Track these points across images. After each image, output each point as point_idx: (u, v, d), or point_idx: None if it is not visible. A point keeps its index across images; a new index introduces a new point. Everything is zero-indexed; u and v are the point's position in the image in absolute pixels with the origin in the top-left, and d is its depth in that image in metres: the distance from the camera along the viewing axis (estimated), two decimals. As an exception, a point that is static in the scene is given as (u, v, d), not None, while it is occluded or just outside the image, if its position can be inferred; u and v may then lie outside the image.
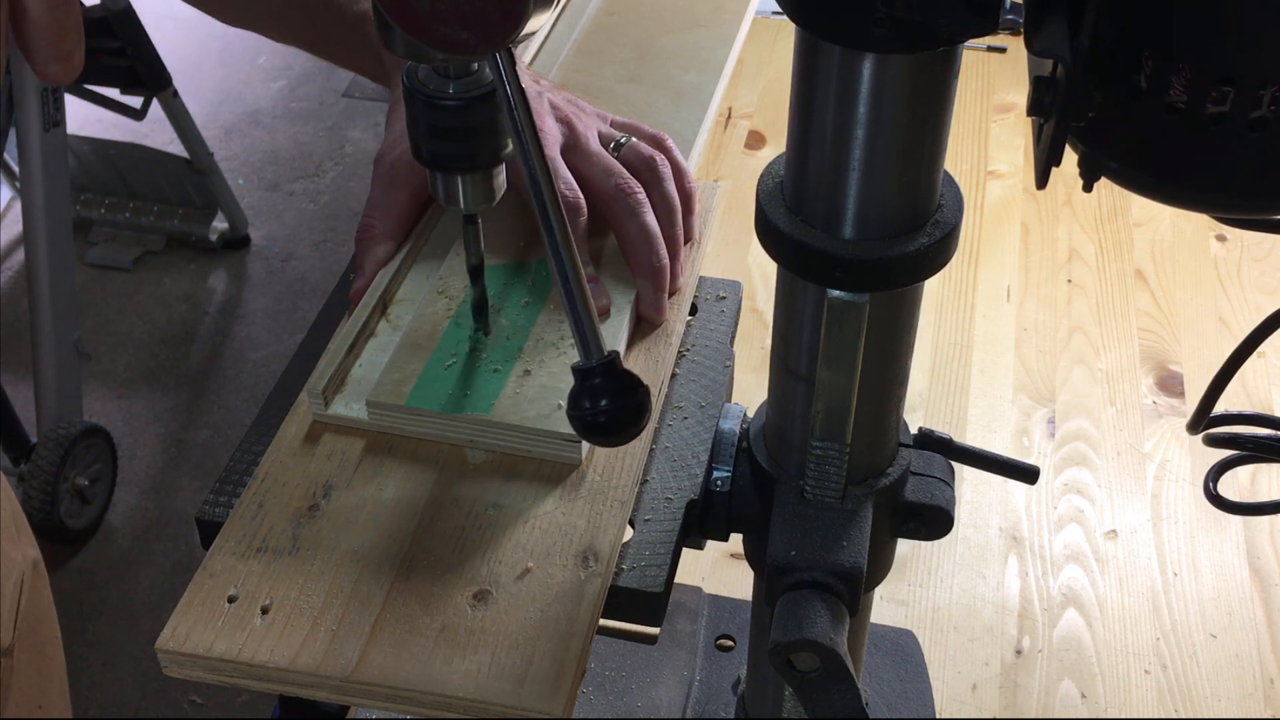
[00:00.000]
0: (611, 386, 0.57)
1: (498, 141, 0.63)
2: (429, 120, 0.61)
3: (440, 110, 0.61)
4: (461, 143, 0.62)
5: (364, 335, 0.72)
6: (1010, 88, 1.54)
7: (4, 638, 0.91)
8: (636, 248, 0.74)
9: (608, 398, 0.57)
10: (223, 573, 0.61)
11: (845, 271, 0.55)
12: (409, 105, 0.62)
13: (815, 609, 0.58)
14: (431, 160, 0.63)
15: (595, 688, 0.86)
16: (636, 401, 0.58)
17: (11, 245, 2.71)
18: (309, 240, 2.77)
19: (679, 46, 0.96)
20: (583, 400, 0.57)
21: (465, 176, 0.64)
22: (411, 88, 0.61)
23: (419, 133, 0.62)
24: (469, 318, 0.72)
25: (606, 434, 0.58)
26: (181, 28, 3.11)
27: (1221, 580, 1.01)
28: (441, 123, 0.61)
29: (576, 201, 0.73)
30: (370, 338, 0.72)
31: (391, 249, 0.76)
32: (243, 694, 1.93)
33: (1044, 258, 1.32)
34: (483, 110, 0.61)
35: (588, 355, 0.57)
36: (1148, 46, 0.46)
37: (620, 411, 0.57)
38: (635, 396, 0.58)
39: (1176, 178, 0.48)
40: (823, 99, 0.53)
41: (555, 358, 0.70)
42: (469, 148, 0.63)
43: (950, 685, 0.93)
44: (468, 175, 0.64)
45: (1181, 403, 1.15)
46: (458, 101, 0.61)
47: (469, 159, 0.63)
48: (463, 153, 0.63)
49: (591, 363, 0.57)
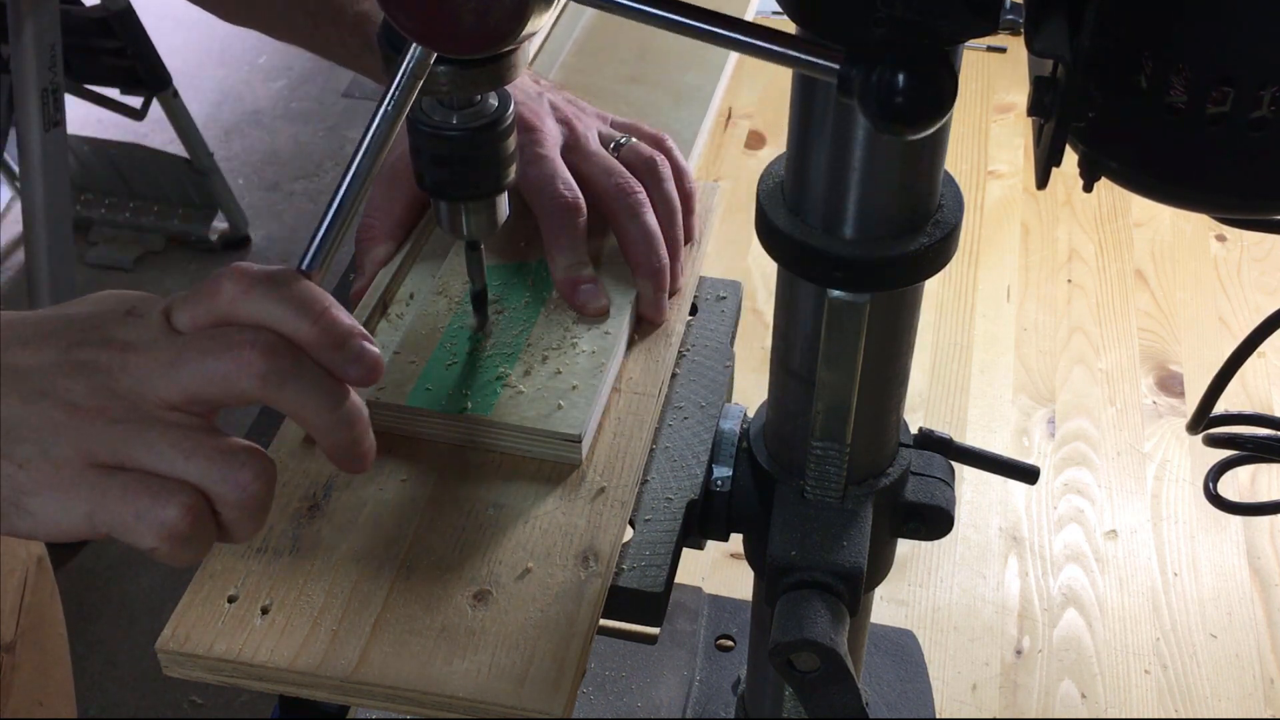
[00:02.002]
0: None
1: (500, 171, 0.64)
2: (431, 150, 0.62)
3: (442, 140, 0.62)
4: (464, 172, 0.63)
5: None
6: (1010, 88, 1.54)
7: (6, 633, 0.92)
8: (637, 248, 0.74)
9: None
10: (223, 573, 0.61)
11: (845, 271, 0.55)
12: (411, 135, 0.62)
13: (815, 609, 0.58)
14: (434, 189, 0.64)
15: (595, 688, 0.86)
16: None
17: (11, 245, 2.71)
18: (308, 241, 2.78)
19: (679, 46, 0.96)
20: None
21: (468, 205, 0.64)
22: (414, 118, 0.61)
23: (421, 161, 0.63)
24: (469, 317, 0.72)
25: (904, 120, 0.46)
26: (181, 28, 3.11)
27: (1221, 580, 1.01)
28: (445, 152, 0.62)
29: (575, 202, 0.73)
30: None
31: (391, 249, 0.76)
32: (243, 694, 1.92)
33: (1044, 258, 1.32)
34: (485, 140, 0.62)
35: None
36: (1148, 46, 0.45)
37: None
38: None
39: (1176, 178, 0.48)
40: (823, 99, 0.53)
41: (556, 357, 0.70)
42: (471, 176, 0.63)
43: (950, 685, 0.93)
44: (470, 203, 0.65)
45: (1181, 403, 1.15)
46: (460, 132, 0.61)
47: (471, 187, 0.64)
48: (465, 181, 0.64)
49: None
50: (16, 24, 1.95)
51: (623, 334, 0.72)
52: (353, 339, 0.50)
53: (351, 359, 0.50)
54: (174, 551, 0.48)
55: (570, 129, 0.76)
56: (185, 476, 0.48)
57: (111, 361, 0.49)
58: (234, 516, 0.49)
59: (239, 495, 0.48)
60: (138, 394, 0.49)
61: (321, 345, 0.50)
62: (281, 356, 0.49)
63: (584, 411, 0.67)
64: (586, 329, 0.72)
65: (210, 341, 0.49)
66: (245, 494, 0.48)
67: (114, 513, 0.48)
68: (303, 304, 0.49)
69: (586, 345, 0.71)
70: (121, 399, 0.49)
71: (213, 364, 0.48)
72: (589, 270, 0.73)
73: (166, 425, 0.49)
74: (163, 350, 0.49)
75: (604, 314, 0.73)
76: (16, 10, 1.93)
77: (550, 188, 0.73)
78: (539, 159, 0.73)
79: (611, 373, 0.71)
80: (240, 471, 0.48)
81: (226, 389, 0.49)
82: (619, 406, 0.70)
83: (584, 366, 0.70)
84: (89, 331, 0.50)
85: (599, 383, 0.69)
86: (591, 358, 0.70)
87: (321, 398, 0.50)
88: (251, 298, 0.49)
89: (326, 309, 0.50)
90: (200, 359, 0.49)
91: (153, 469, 0.48)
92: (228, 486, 0.48)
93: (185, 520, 0.47)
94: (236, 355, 0.48)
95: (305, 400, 0.49)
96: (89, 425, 0.48)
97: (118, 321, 0.51)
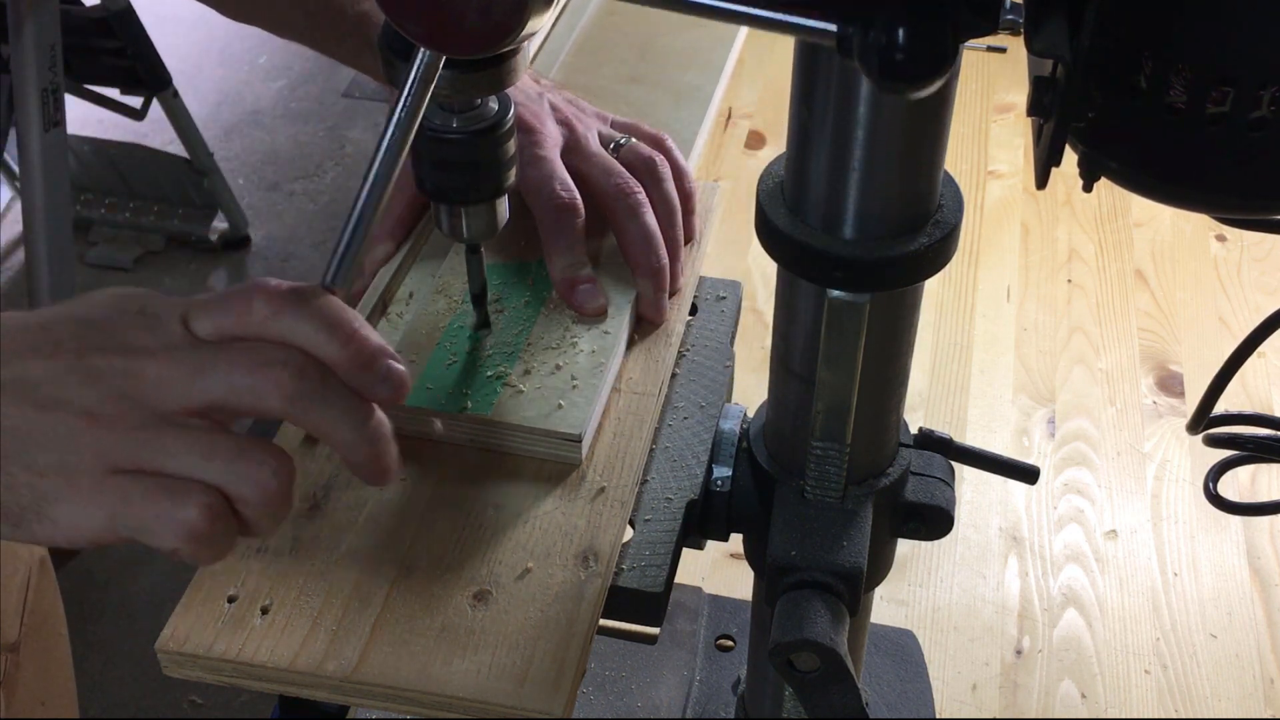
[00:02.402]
0: None
1: (500, 174, 0.64)
2: (431, 153, 0.62)
3: (443, 144, 0.62)
4: (464, 175, 0.63)
5: None
6: (1010, 88, 1.54)
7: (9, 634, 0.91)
8: (636, 248, 0.74)
9: None
10: (222, 573, 0.61)
11: (845, 271, 0.55)
12: None
13: (815, 609, 0.58)
14: (434, 192, 0.64)
15: (595, 688, 0.86)
16: None
17: (11, 245, 2.71)
18: (309, 240, 2.77)
19: (679, 46, 0.96)
20: None
21: (468, 208, 0.65)
22: None
23: (421, 165, 0.63)
24: (469, 317, 0.72)
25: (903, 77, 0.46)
26: (181, 28, 3.11)
27: (1221, 580, 1.01)
28: (445, 156, 0.62)
29: (573, 203, 0.73)
30: None
31: (391, 249, 0.77)
32: (243, 694, 1.92)
33: (1044, 258, 1.32)
34: (485, 144, 0.62)
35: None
36: (1148, 46, 0.45)
37: None
38: None
39: (1176, 178, 0.48)
40: (823, 99, 0.53)
41: (556, 357, 0.70)
42: (471, 180, 0.64)
43: (950, 685, 0.93)
44: (470, 207, 0.65)
45: (1181, 403, 1.15)
46: (461, 135, 0.61)
47: (471, 191, 0.64)
48: (464, 185, 0.64)
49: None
50: (16, 24, 1.95)
51: (623, 334, 0.72)
52: (380, 359, 0.51)
53: (380, 379, 0.51)
54: (196, 551, 0.49)
55: (570, 130, 0.76)
56: (205, 478, 0.49)
57: (127, 367, 0.49)
58: (255, 514, 0.49)
59: (259, 494, 0.49)
60: (156, 399, 0.49)
61: (350, 366, 0.50)
62: (310, 378, 0.49)
63: (584, 411, 0.67)
64: (586, 329, 0.72)
65: (240, 356, 0.49)
66: (265, 492, 0.49)
67: (135, 517, 0.48)
68: (332, 324, 0.50)
69: (586, 345, 0.71)
70: (138, 405, 0.49)
71: (241, 379, 0.49)
72: (587, 270, 0.73)
73: (183, 429, 0.49)
74: (185, 358, 0.50)
75: (602, 314, 0.73)
76: (16, 10, 1.93)
77: (548, 189, 0.73)
78: (538, 160, 0.73)
79: (611, 372, 0.71)
80: (259, 470, 0.49)
81: (252, 404, 0.49)
82: (619, 406, 0.70)
83: (584, 366, 0.70)
84: (101, 336, 0.50)
85: (599, 382, 0.69)
86: (591, 357, 0.70)
87: (347, 417, 0.50)
88: (283, 318, 0.50)
89: (356, 330, 0.50)
90: (228, 372, 0.49)
91: (173, 472, 0.49)
92: (248, 486, 0.49)
93: (205, 520, 0.48)
94: (267, 373, 0.49)
95: (331, 420, 0.50)
96: (107, 432, 0.48)
97: (130, 324, 0.51)
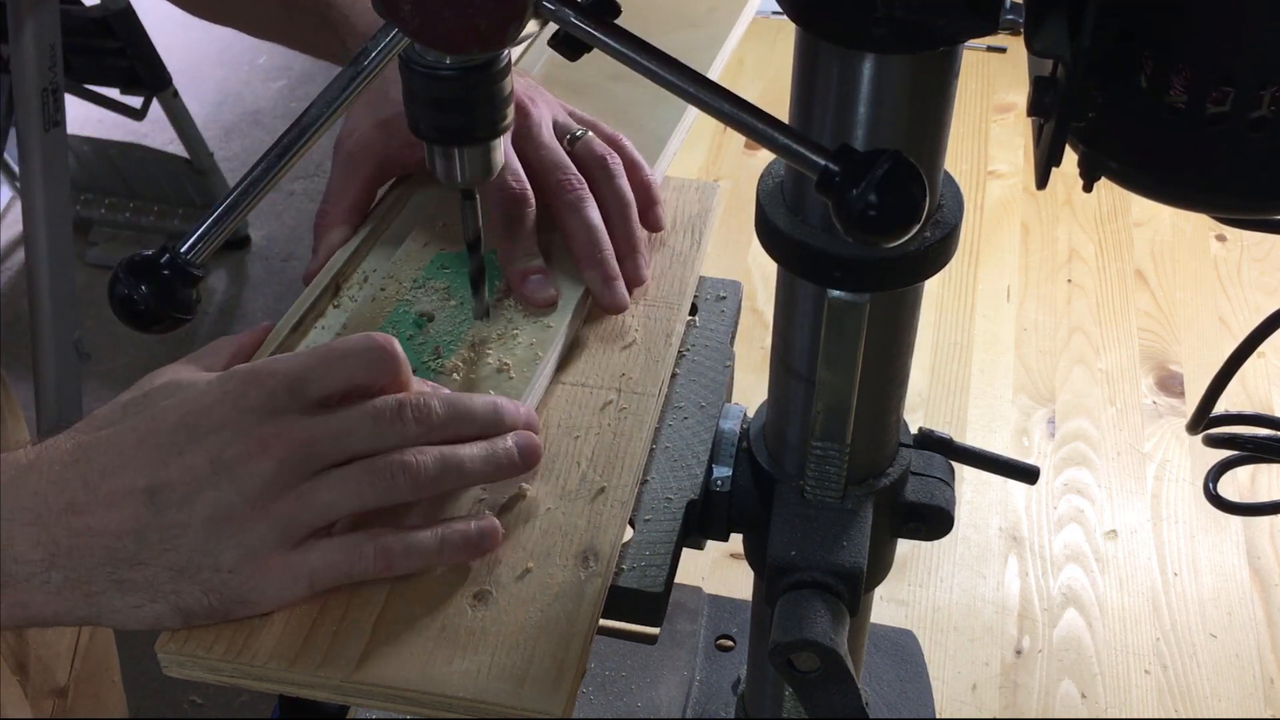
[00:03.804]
0: None
1: (495, 113, 0.63)
2: (426, 92, 0.61)
3: (438, 81, 0.61)
4: (459, 115, 0.62)
5: (311, 315, 0.73)
6: (1010, 88, 1.54)
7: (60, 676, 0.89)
8: (577, 241, 0.74)
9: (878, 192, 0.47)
10: (223, 573, 0.61)
11: (845, 271, 0.55)
12: (406, 78, 0.62)
13: (815, 609, 0.58)
14: (430, 133, 0.63)
15: (595, 688, 0.86)
16: None
17: (11, 245, 2.71)
18: (309, 240, 2.77)
19: (669, 46, 0.95)
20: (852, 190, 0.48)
21: (463, 150, 0.64)
22: (408, 59, 0.61)
23: (416, 106, 0.62)
24: (417, 304, 0.73)
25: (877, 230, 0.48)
26: (181, 28, 3.11)
27: (1221, 580, 1.01)
28: (439, 94, 0.61)
29: (523, 193, 0.73)
30: (318, 318, 0.73)
31: (347, 233, 0.78)
32: (243, 694, 1.92)
33: (1044, 258, 1.32)
34: (480, 81, 0.61)
35: None
36: (1148, 47, 0.46)
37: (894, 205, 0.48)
38: None
39: (1176, 178, 0.48)
40: (823, 99, 0.53)
41: (496, 347, 0.71)
42: (466, 120, 0.62)
43: (950, 685, 0.93)
44: (465, 149, 0.64)
45: (1181, 403, 1.15)
46: (454, 72, 0.60)
47: (466, 132, 0.63)
48: (460, 125, 0.63)
49: None
50: (16, 24, 1.95)
51: (564, 328, 0.72)
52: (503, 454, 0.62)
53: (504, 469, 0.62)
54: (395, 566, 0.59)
55: (525, 115, 0.75)
56: (364, 506, 0.58)
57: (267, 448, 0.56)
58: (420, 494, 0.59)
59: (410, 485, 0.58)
60: (304, 464, 0.57)
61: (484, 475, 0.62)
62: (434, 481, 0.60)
63: None
64: (530, 321, 0.72)
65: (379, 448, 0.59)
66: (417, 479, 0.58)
67: (329, 576, 0.58)
68: None
69: (526, 337, 0.71)
70: (291, 471, 0.57)
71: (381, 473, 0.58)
72: (538, 261, 0.74)
73: (325, 477, 0.57)
74: (321, 423, 0.58)
75: (553, 304, 0.73)
76: (16, 10, 1.93)
77: (499, 179, 0.72)
78: None
79: (549, 365, 0.71)
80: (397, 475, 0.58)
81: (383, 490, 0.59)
82: (619, 406, 0.70)
83: (521, 358, 0.70)
84: (221, 432, 0.57)
85: (532, 374, 0.69)
86: (529, 349, 0.70)
87: None
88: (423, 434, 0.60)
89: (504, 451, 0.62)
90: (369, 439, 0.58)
91: (337, 517, 0.58)
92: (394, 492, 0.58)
93: (383, 558, 0.58)
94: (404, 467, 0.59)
95: None
96: (275, 512, 0.56)
97: (245, 410, 0.57)
